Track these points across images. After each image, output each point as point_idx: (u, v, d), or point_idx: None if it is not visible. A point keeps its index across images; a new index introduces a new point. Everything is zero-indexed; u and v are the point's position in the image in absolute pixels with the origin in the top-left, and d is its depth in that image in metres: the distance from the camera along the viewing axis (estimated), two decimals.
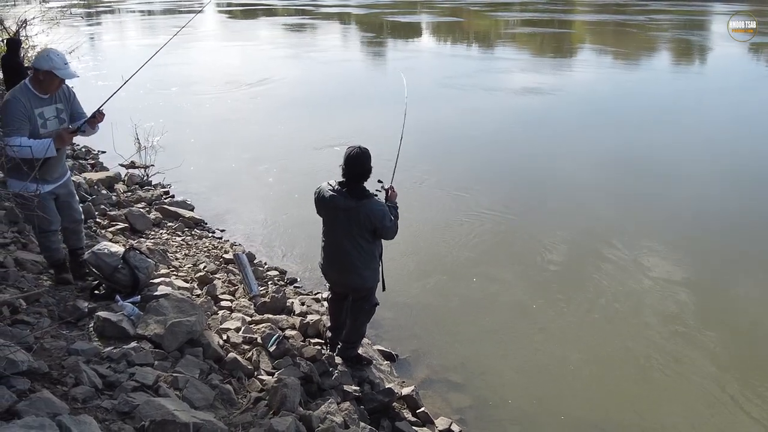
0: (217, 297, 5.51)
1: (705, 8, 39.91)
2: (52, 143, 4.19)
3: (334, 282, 4.67)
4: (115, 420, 3.07)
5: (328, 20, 36.78)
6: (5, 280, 4.57)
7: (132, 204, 7.97)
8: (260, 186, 9.53)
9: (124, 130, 10.40)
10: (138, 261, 4.85)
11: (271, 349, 4.56)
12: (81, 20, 36.42)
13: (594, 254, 7.19)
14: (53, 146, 4.21)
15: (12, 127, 4.12)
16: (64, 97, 4.52)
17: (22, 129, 4.15)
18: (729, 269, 7.01)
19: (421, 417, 4.49)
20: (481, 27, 34.82)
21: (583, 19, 37.01)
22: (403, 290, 6.33)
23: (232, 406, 3.79)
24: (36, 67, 4.25)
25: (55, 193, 4.61)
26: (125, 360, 3.75)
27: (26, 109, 4.20)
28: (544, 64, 21.67)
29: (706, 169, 10.25)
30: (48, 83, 4.29)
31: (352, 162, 4.10)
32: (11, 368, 3.06)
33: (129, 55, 22.00)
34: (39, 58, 4.28)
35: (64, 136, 4.32)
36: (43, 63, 4.22)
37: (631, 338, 5.63)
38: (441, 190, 8.96)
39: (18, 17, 15.47)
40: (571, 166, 10.34)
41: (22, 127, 4.16)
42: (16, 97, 4.20)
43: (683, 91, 17.07)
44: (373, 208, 4.13)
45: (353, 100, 15.72)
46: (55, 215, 4.61)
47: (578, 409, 4.78)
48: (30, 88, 4.28)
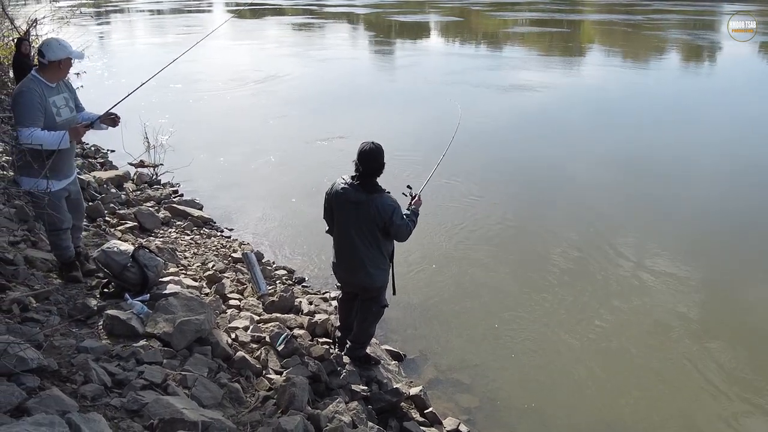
0: (226, 296, 5.51)
1: (713, 8, 39.69)
2: (66, 135, 4.24)
3: (343, 280, 4.66)
4: (123, 418, 3.08)
5: (334, 20, 36.81)
6: (15, 278, 4.59)
7: (141, 203, 7.99)
8: (269, 185, 9.54)
9: (133, 129, 10.43)
10: (147, 259, 4.86)
11: (279, 348, 4.56)
12: (90, 19, 36.59)
13: (603, 256, 7.16)
14: (67, 138, 4.25)
15: (28, 118, 4.14)
16: (66, 87, 4.58)
17: (37, 121, 4.17)
18: (736, 270, 6.98)
19: (429, 417, 4.48)
20: (486, 26, 34.76)
21: (591, 18, 36.88)
22: (412, 290, 6.32)
23: (241, 404, 3.79)
24: (54, 58, 4.28)
25: (67, 190, 4.65)
26: (134, 358, 3.75)
27: (41, 99, 4.23)
28: (552, 63, 21.62)
29: (713, 169, 10.21)
30: (65, 70, 4.41)
31: (365, 157, 4.09)
32: (21, 366, 3.07)
33: (138, 55, 22.07)
34: (54, 49, 4.29)
35: (80, 130, 4.39)
36: (60, 52, 4.29)
37: (640, 339, 5.60)
38: (449, 189, 8.94)
39: (28, 16, 15.57)
40: (579, 166, 10.31)
41: (38, 119, 4.18)
42: (31, 89, 4.22)
43: (690, 90, 17.02)
44: (384, 202, 4.11)
45: (358, 98, 15.74)
46: (66, 213, 4.63)
47: (587, 410, 4.76)
48: (41, 78, 4.31)
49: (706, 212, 8.50)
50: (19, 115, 4.16)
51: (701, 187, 9.42)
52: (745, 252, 7.36)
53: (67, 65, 4.40)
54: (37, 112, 4.18)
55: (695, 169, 10.31)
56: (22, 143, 4.07)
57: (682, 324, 5.83)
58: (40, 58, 4.33)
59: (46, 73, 4.33)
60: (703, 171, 10.17)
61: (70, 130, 4.32)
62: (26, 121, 4.13)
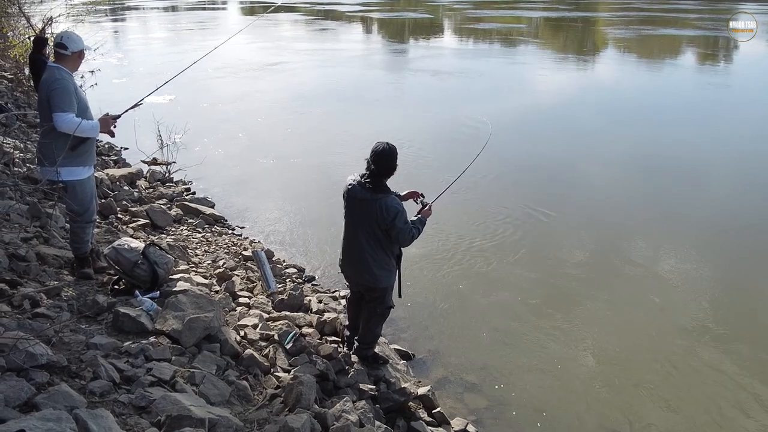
0: (236, 293, 5.53)
1: (734, 7, 39.30)
2: (98, 125, 4.48)
3: (350, 279, 4.67)
4: (131, 414, 3.10)
5: (349, 22, 36.84)
6: (27, 274, 4.63)
7: (153, 200, 8.04)
8: (281, 184, 9.56)
9: (146, 127, 10.49)
10: (158, 257, 4.88)
11: (287, 346, 4.57)
12: (105, 17, 36.85)
13: (615, 258, 7.11)
14: (98, 128, 4.49)
15: (67, 103, 4.30)
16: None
17: (74, 106, 4.36)
18: (755, 273, 6.88)
19: (436, 417, 4.47)
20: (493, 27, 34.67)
21: (602, 17, 36.67)
22: (420, 290, 6.31)
23: (248, 402, 3.80)
24: (76, 49, 4.50)
25: (92, 180, 4.77)
26: (143, 355, 3.78)
27: (75, 87, 4.44)
28: (567, 61, 21.52)
29: (731, 169, 10.10)
30: (81, 61, 4.62)
31: (378, 157, 4.11)
32: (30, 361, 3.10)
33: (152, 53, 22.18)
34: (76, 41, 4.51)
35: (109, 121, 4.58)
36: (80, 44, 4.51)
37: (651, 341, 5.56)
38: (462, 189, 8.89)
39: (44, 15, 15.68)
40: (593, 166, 10.25)
41: (72, 105, 4.35)
42: (65, 78, 4.40)
43: (710, 90, 16.86)
44: (389, 203, 4.11)
45: (366, 101, 15.70)
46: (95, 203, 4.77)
47: (596, 412, 4.72)
48: (64, 69, 4.46)
49: (721, 212, 8.41)
50: (58, 100, 4.28)
51: (727, 188, 9.32)
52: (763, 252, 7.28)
53: (83, 56, 4.60)
54: (73, 98, 4.37)
55: (712, 167, 10.22)
56: (60, 128, 4.25)
57: (696, 327, 5.77)
58: (60, 50, 4.47)
59: (68, 63, 4.50)
60: (718, 170, 10.07)
61: (101, 120, 4.53)
62: (65, 106, 4.29)
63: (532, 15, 38.24)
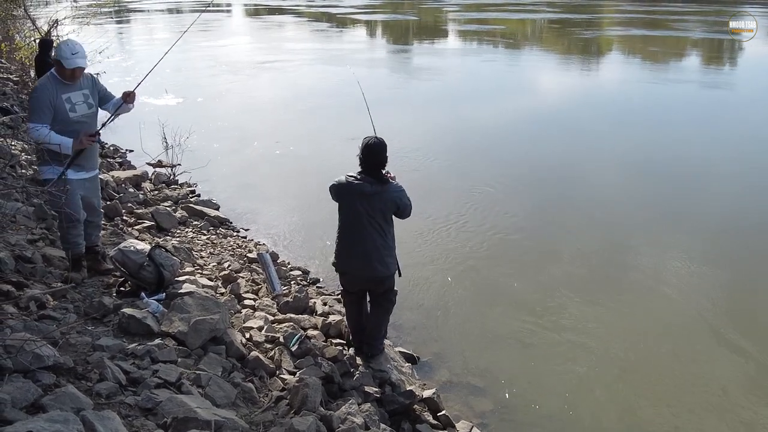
0: (241, 296, 5.53)
1: (738, 9, 39.23)
2: (70, 144, 4.45)
3: (352, 277, 4.67)
4: (138, 416, 3.10)
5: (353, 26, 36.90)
6: (33, 276, 4.65)
7: (158, 202, 8.05)
8: (286, 186, 9.56)
9: (151, 129, 10.51)
10: (163, 259, 4.89)
11: (293, 348, 4.57)
12: (110, 19, 36.95)
13: (622, 260, 7.09)
14: (70, 146, 4.45)
15: (34, 114, 4.43)
16: (88, 84, 4.76)
17: (43, 117, 4.42)
18: (757, 273, 6.86)
19: (442, 420, 4.45)
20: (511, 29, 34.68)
21: (611, 17, 36.64)
22: (426, 293, 6.30)
23: (254, 404, 3.81)
24: (68, 67, 4.49)
25: (84, 185, 4.74)
26: (149, 357, 3.78)
27: (52, 96, 4.45)
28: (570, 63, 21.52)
29: (734, 170, 10.07)
30: (78, 76, 4.60)
31: (372, 151, 4.36)
32: (37, 363, 3.11)
33: (157, 53, 22.16)
34: (68, 59, 4.48)
35: (83, 141, 4.55)
36: (71, 63, 4.48)
37: (658, 343, 5.54)
38: (465, 191, 8.91)
39: (50, 17, 15.75)
40: (593, 166, 10.24)
41: (44, 115, 4.42)
42: (44, 85, 4.51)
43: (710, 90, 16.83)
44: (395, 189, 4.43)
45: (379, 103, 15.70)
46: (79, 205, 4.72)
47: (603, 416, 4.70)
48: (56, 76, 4.54)
49: (724, 212, 8.39)
50: (30, 111, 4.54)
51: (728, 191, 9.28)
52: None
53: (80, 72, 4.59)
54: (45, 110, 4.43)
55: (714, 167, 10.20)
56: (31, 137, 4.49)
57: (699, 329, 5.75)
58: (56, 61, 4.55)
59: (59, 71, 4.54)
60: (722, 171, 10.04)
61: (75, 140, 4.49)
62: (33, 117, 4.47)
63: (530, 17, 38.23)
